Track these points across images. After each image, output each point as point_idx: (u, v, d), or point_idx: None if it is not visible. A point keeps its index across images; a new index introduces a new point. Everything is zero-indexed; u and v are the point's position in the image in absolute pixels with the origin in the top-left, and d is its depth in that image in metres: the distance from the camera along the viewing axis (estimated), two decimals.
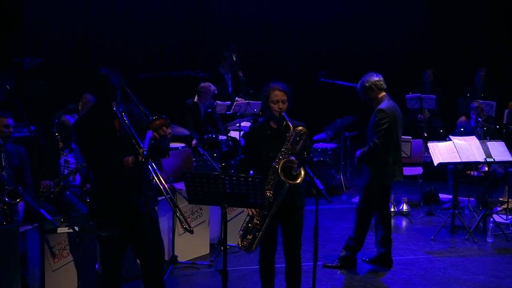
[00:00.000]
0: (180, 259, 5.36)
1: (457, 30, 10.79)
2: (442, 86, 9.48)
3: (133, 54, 10.24)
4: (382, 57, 10.87)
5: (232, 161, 7.92)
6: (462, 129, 7.33)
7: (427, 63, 10.27)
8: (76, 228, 3.93)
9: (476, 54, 10.55)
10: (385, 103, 5.05)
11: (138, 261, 3.98)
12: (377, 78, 5.11)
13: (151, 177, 3.73)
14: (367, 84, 5.11)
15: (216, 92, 8.42)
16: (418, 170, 7.44)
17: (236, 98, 8.99)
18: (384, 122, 4.95)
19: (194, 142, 7.65)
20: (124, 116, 3.54)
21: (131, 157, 3.51)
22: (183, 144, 7.53)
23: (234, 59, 9.21)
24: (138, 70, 9.56)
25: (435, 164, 6.17)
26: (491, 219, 6.27)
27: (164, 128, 3.54)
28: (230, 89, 9.44)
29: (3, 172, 4.98)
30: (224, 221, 3.58)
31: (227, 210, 3.55)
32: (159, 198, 3.92)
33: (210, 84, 8.20)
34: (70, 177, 5.40)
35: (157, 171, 3.63)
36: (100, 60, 9.43)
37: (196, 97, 8.13)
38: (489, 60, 10.19)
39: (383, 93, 5.12)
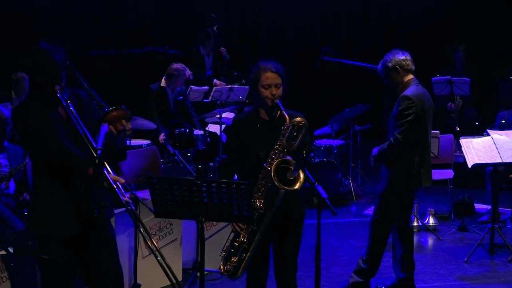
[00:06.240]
0: None
1: None
2: (478, 66, 9.54)
3: (82, 26, 10.19)
4: (402, 31, 10.91)
5: (211, 163, 7.92)
6: (503, 121, 7.37)
7: (458, 37, 10.32)
8: (11, 250, 3.91)
9: None
10: (412, 89, 5.05)
11: None
12: (403, 57, 5.11)
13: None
14: (390, 64, 5.12)
15: (192, 78, 8.40)
16: (448, 174, 7.48)
17: (215, 80, 8.97)
18: (409, 112, 4.95)
19: (161, 137, 7.64)
20: (70, 104, 3.51)
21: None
22: (148, 141, 7.51)
23: (215, 31, 9.21)
24: (89, 46, 9.52)
25: (470, 166, 6.20)
26: None
27: (123, 121, 3.53)
28: (208, 73, 9.43)
29: None
30: (200, 240, 3.58)
31: (204, 225, 3.55)
32: (117, 211, 3.91)
33: (185, 66, 8.16)
34: (2, 184, 5.37)
35: (113, 175, 3.60)
36: (39, 34, 9.34)
37: (163, 81, 8.11)
38: None
39: (411, 76, 5.13)
